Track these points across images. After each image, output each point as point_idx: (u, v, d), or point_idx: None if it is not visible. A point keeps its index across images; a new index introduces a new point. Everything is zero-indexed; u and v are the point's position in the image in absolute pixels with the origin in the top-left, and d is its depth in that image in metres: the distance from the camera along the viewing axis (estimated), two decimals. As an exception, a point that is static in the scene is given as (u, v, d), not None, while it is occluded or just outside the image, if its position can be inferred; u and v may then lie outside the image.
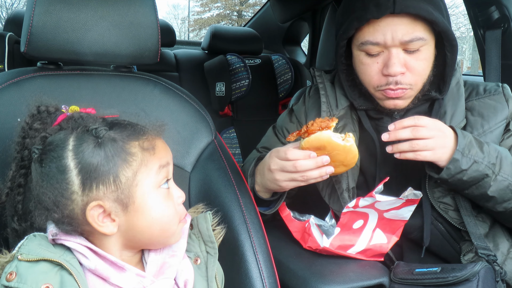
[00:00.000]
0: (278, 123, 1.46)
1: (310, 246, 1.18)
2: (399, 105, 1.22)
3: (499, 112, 1.22)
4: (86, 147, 0.77)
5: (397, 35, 1.13)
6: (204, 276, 0.91)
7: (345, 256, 1.17)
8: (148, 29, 1.10)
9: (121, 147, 0.79)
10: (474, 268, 1.01)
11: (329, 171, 1.07)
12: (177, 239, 0.88)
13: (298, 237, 1.23)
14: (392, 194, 1.30)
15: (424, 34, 1.15)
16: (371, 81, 1.22)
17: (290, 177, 1.09)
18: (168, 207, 0.83)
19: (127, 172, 0.78)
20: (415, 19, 1.13)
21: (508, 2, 1.59)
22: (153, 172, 0.81)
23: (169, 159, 0.87)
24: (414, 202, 1.10)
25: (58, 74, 1.09)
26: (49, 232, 0.79)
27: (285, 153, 1.08)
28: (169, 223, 0.84)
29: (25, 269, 0.73)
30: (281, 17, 3.03)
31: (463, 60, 23.47)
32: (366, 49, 1.19)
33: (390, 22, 1.14)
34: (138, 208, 0.80)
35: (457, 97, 1.25)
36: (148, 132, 0.84)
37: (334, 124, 1.05)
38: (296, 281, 1.09)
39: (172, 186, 0.87)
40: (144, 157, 0.81)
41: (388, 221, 1.16)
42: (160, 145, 0.85)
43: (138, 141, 0.81)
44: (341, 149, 1.04)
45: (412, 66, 1.16)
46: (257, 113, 2.63)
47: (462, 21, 21.45)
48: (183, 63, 2.71)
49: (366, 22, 1.16)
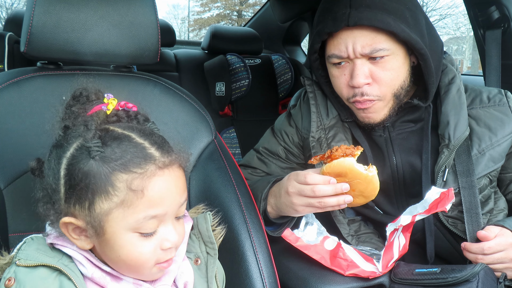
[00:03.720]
0: (276, 126, 1.46)
1: (357, 274, 1.08)
2: (373, 118, 1.22)
3: (506, 125, 1.22)
4: (77, 162, 0.73)
5: (357, 47, 1.14)
6: (204, 277, 0.91)
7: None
8: (148, 29, 1.10)
9: (105, 175, 0.71)
10: (474, 269, 1.01)
11: (347, 200, 1.04)
12: (153, 278, 0.81)
13: (327, 264, 1.10)
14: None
15: (387, 45, 1.14)
16: (342, 93, 1.23)
17: (307, 202, 1.07)
18: (142, 253, 0.75)
19: (103, 204, 0.72)
20: (375, 31, 1.13)
21: (508, 2, 1.59)
22: (134, 219, 0.73)
23: (169, 209, 0.75)
24: (450, 199, 1.05)
25: (58, 74, 1.09)
26: (48, 236, 0.79)
27: (305, 176, 1.05)
28: (140, 266, 0.76)
29: (24, 275, 0.73)
30: (281, 17, 3.02)
31: (463, 60, 23.46)
32: (333, 62, 1.20)
33: (349, 34, 1.14)
34: (108, 241, 0.74)
35: (459, 105, 1.23)
36: (150, 166, 0.73)
37: (359, 153, 1.02)
38: (296, 281, 1.09)
39: (164, 231, 0.77)
40: (128, 197, 0.72)
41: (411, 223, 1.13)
42: (159, 189, 0.74)
43: (127, 175, 0.72)
44: (363, 179, 1.01)
45: (378, 76, 1.16)
46: (257, 113, 2.63)
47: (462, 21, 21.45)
48: (183, 63, 2.71)
49: (326, 36, 1.18)
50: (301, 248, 1.11)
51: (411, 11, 1.16)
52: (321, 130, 1.30)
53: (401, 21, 1.12)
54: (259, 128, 1.73)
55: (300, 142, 1.39)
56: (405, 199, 1.27)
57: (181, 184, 0.79)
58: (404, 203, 1.26)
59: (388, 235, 1.11)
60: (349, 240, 1.27)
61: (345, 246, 1.13)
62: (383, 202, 1.30)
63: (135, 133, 0.77)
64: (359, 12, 1.11)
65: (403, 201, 1.28)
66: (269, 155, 1.41)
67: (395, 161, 1.26)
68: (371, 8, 1.11)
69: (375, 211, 1.31)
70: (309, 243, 1.13)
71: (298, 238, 1.12)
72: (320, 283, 1.05)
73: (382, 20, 1.11)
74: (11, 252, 0.78)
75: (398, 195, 1.28)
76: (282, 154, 1.40)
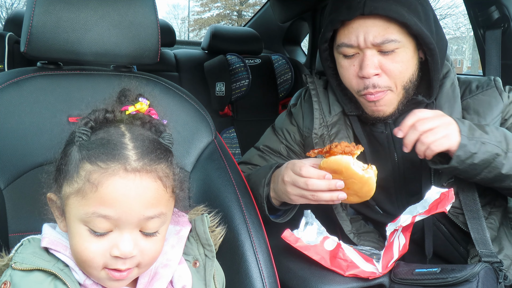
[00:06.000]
0: (277, 124, 1.46)
1: (356, 274, 1.07)
2: (383, 111, 1.21)
3: (494, 107, 1.21)
4: (68, 144, 0.80)
5: (369, 36, 1.14)
6: (202, 279, 0.90)
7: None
8: (148, 29, 1.10)
9: (76, 161, 0.74)
10: (474, 269, 1.01)
11: (341, 197, 1.05)
12: (103, 284, 0.78)
13: (326, 264, 1.10)
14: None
15: (398, 37, 1.14)
16: (351, 84, 1.22)
17: (300, 193, 1.08)
18: (88, 249, 0.73)
19: (67, 188, 0.75)
20: (388, 21, 1.13)
21: (508, 2, 1.59)
22: (84, 211, 0.72)
23: (122, 216, 0.72)
24: (450, 200, 1.05)
25: (58, 74, 1.09)
26: (42, 239, 0.79)
27: (300, 168, 1.06)
28: (85, 262, 0.74)
29: (19, 278, 0.73)
30: (281, 17, 3.03)
31: (463, 60, 23.47)
32: (343, 51, 1.20)
33: (362, 23, 1.15)
34: (68, 227, 0.77)
35: (453, 98, 1.24)
36: (116, 165, 0.72)
37: (359, 152, 1.02)
38: (296, 281, 1.09)
39: (117, 237, 0.73)
40: (84, 187, 0.72)
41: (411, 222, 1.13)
42: (114, 190, 0.72)
43: (91, 167, 0.73)
44: (358, 179, 1.01)
45: (387, 68, 1.16)
46: (257, 113, 2.63)
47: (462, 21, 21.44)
48: (183, 63, 2.71)
49: (339, 24, 1.18)
50: (301, 249, 1.11)
51: (422, 6, 1.17)
52: (323, 127, 1.30)
53: (413, 14, 1.13)
54: (259, 128, 1.74)
55: (301, 140, 1.39)
56: (405, 198, 1.27)
57: (148, 197, 0.74)
58: (404, 201, 1.26)
59: (388, 235, 1.11)
60: (350, 237, 1.27)
61: (345, 247, 1.13)
62: (383, 200, 1.30)
63: (130, 134, 0.78)
64: (374, 1, 1.12)
65: (403, 200, 1.28)
66: (271, 152, 1.41)
67: (396, 158, 1.26)
68: None
69: (375, 210, 1.31)
70: (309, 243, 1.13)
71: (298, 239, 1.12)
72: (320, 283, 1.05)
73: (396, 11, 1.11)
74: (10, 253, 0.78)
75: (398, 193, 1.29)
76: (283, 152, 1.40)
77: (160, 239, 0.79)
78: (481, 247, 1.13)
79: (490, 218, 1.21)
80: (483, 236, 1.15)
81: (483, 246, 1.14)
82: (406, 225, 1.09)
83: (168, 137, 0.84)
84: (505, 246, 1.20)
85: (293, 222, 1.24)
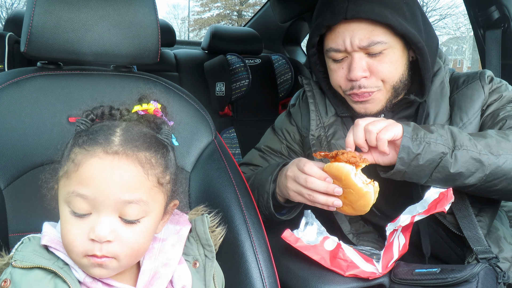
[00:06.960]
0: (277, 125, 1.47)
1: (356, 274, 1.07)
2: (370, 109, 1.22)
3: (476, 101, 1.21)
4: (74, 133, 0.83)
5: (355, 40, 1.15)
6: (202, 280, 0.91)
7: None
8: (148, 29, 1.10)
9: (69, 147, 0.79)
10: (474, 269, 1.01)
11: (336, 204, 1.05)
12: (87, 271, 0.77)
13: (326, 264, 1.10)
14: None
15: (384, 38, 1.14)
16: (340, 85, 1.24)
17: (298, 190, 1.09)
18: (70, 231, 0.74)
19: (60, 171, 0.78)
20: (373, 24, 1.13)
21: (508, 2, 1.59)
22: (66, 191, 0.75)
23: (98, 196, 0.73)
24: (449, 200, 1.04)
25: (58, 74, 1.09)
26: (42, 237, 0.79)
27: (304, 164, 1.07)
28: (68, 245, 0.75)
29: (19, 276, 0.73)
30: (281, 17, 3.02)
31: (463, 60, 23.48)
32: (332, 56, 1.21)
33: (347, 27, 1.15)
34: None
35: (441, 97, 1.23)
36: (98, 148, 0.75)
37: (363, 165, 1.02)
38: (296, 281, 1.09)
39: (94, 220, 0.74)
40: (69, 168, 0.76)
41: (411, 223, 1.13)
42: (91, 170, 0.73)
43: (79, 149, 0.76)
44: (356, 190, 1.01)
45: (376, 69, 1.17)
46: (257, 113, 2.63)
47: (462, 21, 21.45)
48: (183, 63, 2.71)
49: (325, 29, 1.19)
50: (301, 249, 1.11)
51: (408, 5, 1.17)
52: (320, 128, 1.31)
53: (398, 14, 1.13)
54: (259, 128, 1.74)
55: (301, 140, 1.40)
56: (403, 199, 1.27)
57: (125, 180, 0.74)
58: (400, 203, 1.25)
59: (388, 235, 1.12)
60: (350, 238, 1.27)
61: (345, 247, 1.13)
62: (380, 202, 1.30)
63: (124, 125, 0.81)
64: (357, 5, 1.12)
65: (399, 201, 1.27)
66: (272, 153, 1.42)
67: None
68: (369, 1, 1.13)
69: (373, 213, 1.31)
70: (309, 243, 1.13)
71: (298, 239, 1.12)
72: (320, 283, 1.05)
73: (379, 13, 1.12)
74: (10, 252, 0.78)
75: (395, 194, 1.28)
76: (284, 152, 1.41)
77: (143, 231, 0.77)
78: (476, 244, 1.13)
79: (480, 215, 1.21)
80: (475, 233, 1.15)
81: (478, 243, 1.14)
82: (406, 225, 1.09)
83: (166, 133, 0.85)
84: (505, 248, 1.20)
85: (293, 222, 1.24)
